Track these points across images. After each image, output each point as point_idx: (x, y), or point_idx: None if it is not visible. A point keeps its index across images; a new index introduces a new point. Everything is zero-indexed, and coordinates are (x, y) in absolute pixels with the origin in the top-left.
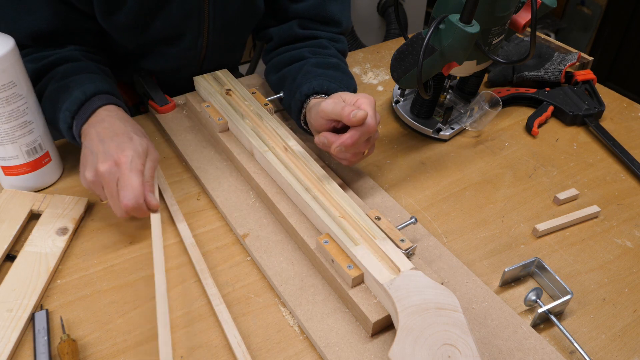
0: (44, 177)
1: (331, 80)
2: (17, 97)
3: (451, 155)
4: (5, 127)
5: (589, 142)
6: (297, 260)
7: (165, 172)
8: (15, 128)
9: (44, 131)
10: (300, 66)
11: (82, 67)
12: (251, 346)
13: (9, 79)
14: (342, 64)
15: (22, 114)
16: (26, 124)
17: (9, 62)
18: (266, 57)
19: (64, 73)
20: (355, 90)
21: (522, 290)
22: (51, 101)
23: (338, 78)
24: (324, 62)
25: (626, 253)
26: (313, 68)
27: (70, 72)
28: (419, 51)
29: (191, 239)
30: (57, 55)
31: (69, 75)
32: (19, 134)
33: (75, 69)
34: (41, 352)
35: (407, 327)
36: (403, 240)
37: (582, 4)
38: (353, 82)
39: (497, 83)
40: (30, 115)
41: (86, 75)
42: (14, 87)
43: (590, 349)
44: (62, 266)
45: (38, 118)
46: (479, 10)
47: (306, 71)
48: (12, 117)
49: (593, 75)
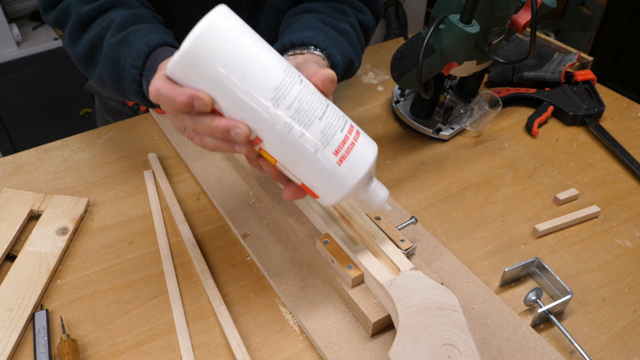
0: None
1: (326, 37)
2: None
3: (451, 155)
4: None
5: (589, 142)
6: (297, 260)
7: (165, 172)
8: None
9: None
10: (307, 16)
11: (139, 16)
12: (251, 346)
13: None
14: (351, 32)
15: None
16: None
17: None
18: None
19: (121, 23)
20: (350, 59)
21: (522, 290)
22: (111, 58)
23: (335, 38)
24: (332, 22)
25: (626, 253)
26: (315, 21)
27: (129, 21)
28: (419, 51)
29: (191, 239)
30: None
31: (127, 25)
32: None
33: (133, 18)
34: (41, 352)
35: (407, 327)
36: (403, 240)
37: (582, 4)
38: (349, 51)
39: (497, 83)
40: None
41: (145, 25)
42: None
43: (590, 349)
44: (62, 266)
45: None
46: (479, 10)
47: (306, 21)
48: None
49: (593, 75)
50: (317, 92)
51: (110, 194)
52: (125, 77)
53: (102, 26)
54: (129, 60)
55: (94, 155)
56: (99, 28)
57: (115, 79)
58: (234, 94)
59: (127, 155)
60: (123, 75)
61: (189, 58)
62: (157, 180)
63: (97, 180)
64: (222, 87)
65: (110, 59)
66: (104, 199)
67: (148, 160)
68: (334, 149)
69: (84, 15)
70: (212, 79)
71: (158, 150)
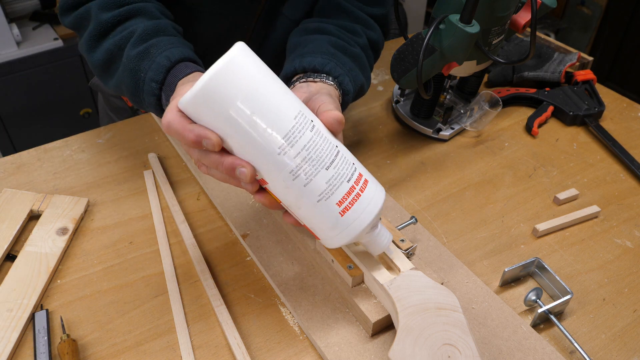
0: None
1: (338, 64)
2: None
3: (451, 155)
4: None
5: (589, 142)
6: (297, 260)
7: (165, 172)
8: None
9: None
10: (319, 38)
11: (160, 28)
12: (251, 346)
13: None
14: (362, 57)
15: None
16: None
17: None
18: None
19: (142, 34)
20: (361, 85)
21: (522, 290)
22: (131, 70)
23: (347, 65)
24: (343, 46)
25: (626, 253)
26: (328, 45)
27: (151, 32)
28: (419, 51)
29: (191, 239)
30: (133, 5)
31: (149, 37)
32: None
33: (154, 29)
34: (41, 352)
35: (407, 327)
36: (403, 240)
37: (582, 4)
38: (361, 78)
39: (497, 83)
40: None
41: (166, 38)
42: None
43: (590, 349)
44: (62, 266)
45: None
46: (479, 10)
47: (318, 45)
48: None
49: (593, 75)
50: (328, 139)
51: (110, 194)
52: (145, 90)
53: (122, 35)
54: (149, 74)
55: (94, 155)
56: (119, 37)
57: (134, 91)
58: (242, 136)
59: (127, 155)
60: (142, 88)
61: (202, 97)
62: (157, 180)
63: (97, 180)
64: (231, 128)
65: (130, 71)
66: (104, 199)
67: (148, 160)
68: (337, 199)
69: (104, 22)
70: (223, 120)
71: (158, 150)
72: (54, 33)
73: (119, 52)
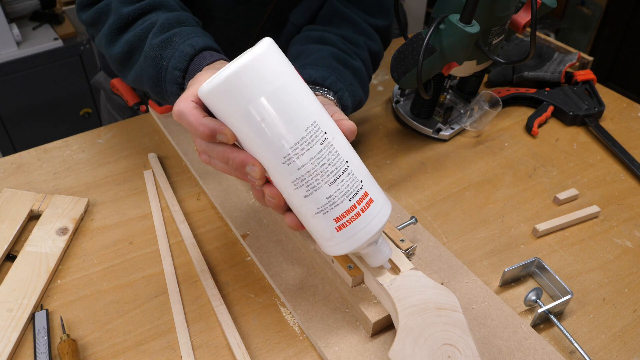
0: None
1: (339, 79)
2: None
3: (451, 155)
4: None
5: (589, 142)
6: (297, 260)
7: (165, 172)
8: None
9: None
10: (322, 49)
11: (182, 19)
12: (251, 346)
13: None
14: (362, 71)
15: None
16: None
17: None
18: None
19: (164, 24)
20: (359, 100)
21: (522, 290)
22: (153, 59)
23: (348, 80)
24: (345, 59)
25: (626, 253)
26: (330, 58)
27: (173, 22)
28: (419, 51)
29: (191, 239)
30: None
31: (171, 27)
32: None
33: (176, 20)
34: (41, 352)
35: (407, 327)
36: (403, 240)
37: (582, 4)
38: (360, 93)
39: (497, 83)
40: None
41: (189, 28)
42: None
43: (590, 349)
44: (62, 266)
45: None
46: (479, 10)
47: (320, 56)
48: None
49: (593, 75)
50: (338, 153)
51: (110, 194)
52: (167, 79)
53: (143, 27)
54: (172, 62)
55: (94, 155)
56: (140, 29)
57: (155, 80)
58: (255, 134)
59: (127, 155)
60: (164, 77)
61: (225, 87)
62: (157, 180)
63: (97, 180)
64: (246, 124)
65: (152, 60)
66: (104, 199)
67: (148, 160)
68: (336, 215)
69: (125, 15)
70: (240, 114)
71: (158, 150)
72: (54, 33)
73: (139, 43)
